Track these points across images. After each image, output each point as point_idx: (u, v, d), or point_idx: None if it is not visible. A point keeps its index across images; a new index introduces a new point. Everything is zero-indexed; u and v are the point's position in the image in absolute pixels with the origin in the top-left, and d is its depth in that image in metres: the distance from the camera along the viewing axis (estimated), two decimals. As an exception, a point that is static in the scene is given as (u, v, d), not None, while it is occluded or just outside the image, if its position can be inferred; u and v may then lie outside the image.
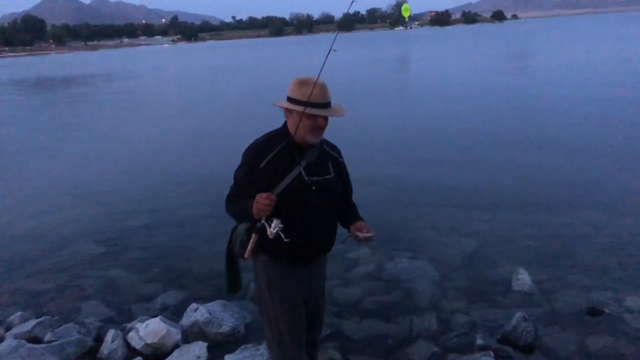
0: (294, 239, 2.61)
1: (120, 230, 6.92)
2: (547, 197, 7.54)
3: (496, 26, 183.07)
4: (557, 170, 8.80)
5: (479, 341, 3.87)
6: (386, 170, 9.38)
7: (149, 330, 4.03)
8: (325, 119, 2.61)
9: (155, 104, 22.22)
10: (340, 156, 2.87)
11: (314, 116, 2.56)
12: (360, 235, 2.64)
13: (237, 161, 2.77)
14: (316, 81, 2.57)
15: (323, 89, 2.59)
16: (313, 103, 2.54)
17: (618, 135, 11.04)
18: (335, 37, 3.01)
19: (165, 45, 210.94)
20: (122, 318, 4.68)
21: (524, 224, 6.54)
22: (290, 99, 2.64)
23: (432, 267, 5.33)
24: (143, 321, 4.24)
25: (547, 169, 8.88)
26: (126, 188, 9.03)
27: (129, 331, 4.21)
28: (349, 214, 2.85)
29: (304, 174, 2.62)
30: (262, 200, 2.41)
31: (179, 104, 22.18)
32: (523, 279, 4.78)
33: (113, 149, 12.68)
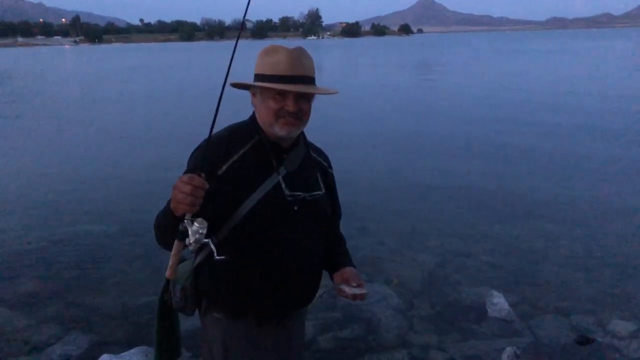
0: (265, 283, 1.79)
1: (4, 256, 5.56)
2: (494, 206, 7.16)
3: (403, 38, 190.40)
4: (500, 178, 8.52)
5: (470, 388, 3.19)
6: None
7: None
8: (300, 100, 1.75)
9: (55, 106, 20.04)
10: (330, 166, 2.05)
11: (282, 95, 1.73)
12: (348, 290, 1.80)
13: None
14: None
15: (294, 56, 1.75)
16: (277, 75, 1.72)
17: (558, 141, 11.08)
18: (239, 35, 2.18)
19: (67, 46, 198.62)
20: (5, 378, 3.54)
21: (476, 237, 6.05)
22: (255, 77, 1.81)
23: (392, 292, 4.62)
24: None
25: (489, 177, 8.58)
26: (12, 201, 7.56)
27: (13, 400, 3.12)
28: (334, 252, 2.02)
29: (283, 186, 1.78)
30: (181, 186, 1.51)
31: (85, 105, 20.15)
32: (499, 303, 4.19)
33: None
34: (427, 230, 6.29)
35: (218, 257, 1.63)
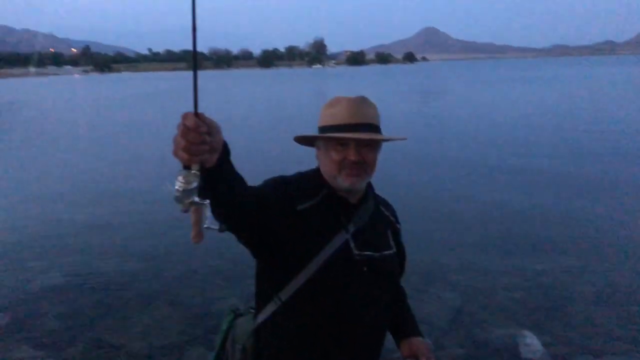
0: (331, 348, 1.70)
1: (27, 293, 5.57)
2: (513, 239, 7.10)
3: (407, 66, 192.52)
4: (520, 208, 8.48)
5: None
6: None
7: None
8: (363, 149, 1.68)
9: (70, 137, 20.24)
10: (398, 220, 1.99)
11: (343, 145, 1.68)
12: None
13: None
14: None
15: (354, 104, 1.70)
16: (337, 125, 1.69)
17: (574, 167, 11.06)
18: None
19: (76, 75, 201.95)
20: None
21: (499, 272, 5.99)
22: (318, 130, 1.79)
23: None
24: None
25: (506, 208, 8.53)
26: (35, 238, 7.55)
27: None
28: (400, 314, 1.96)
29: (352, 245, 1.71)
30: (178, 127, 1.15)
31: (96, 135, 20.34)
32: (532, 344, 4.12)
33: (14, 187, 11.01)
34: (449, 265, 6.23)
35: (215, 228, 1.34)
